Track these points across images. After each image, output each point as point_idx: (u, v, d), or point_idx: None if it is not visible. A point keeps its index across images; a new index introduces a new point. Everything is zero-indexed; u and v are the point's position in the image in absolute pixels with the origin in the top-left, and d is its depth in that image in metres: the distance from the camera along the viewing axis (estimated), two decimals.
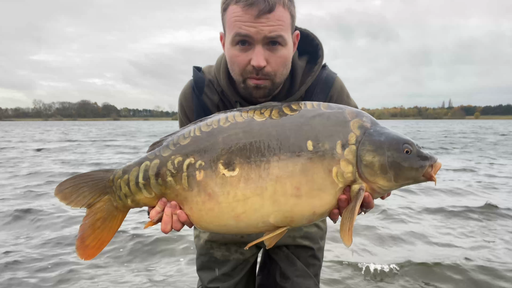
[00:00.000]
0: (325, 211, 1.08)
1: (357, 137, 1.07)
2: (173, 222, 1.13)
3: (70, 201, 1.17)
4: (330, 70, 1.53)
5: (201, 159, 1.08)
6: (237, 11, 1.23)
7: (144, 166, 1.15)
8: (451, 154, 12.75)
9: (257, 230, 1.11)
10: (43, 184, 7.10)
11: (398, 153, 1.06)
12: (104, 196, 1.19)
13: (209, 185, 1.07)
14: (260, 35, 1.23)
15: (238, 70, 1.32)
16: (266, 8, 1.20)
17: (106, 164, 10.04)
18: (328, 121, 1.08)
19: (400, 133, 1.12)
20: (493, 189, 6.58)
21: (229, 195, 1.05)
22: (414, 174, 1.07)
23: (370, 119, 1.13)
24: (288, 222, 1.08)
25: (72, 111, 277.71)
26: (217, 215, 1.08)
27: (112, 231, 1.20)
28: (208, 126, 1.13)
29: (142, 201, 1.17)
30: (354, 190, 1.06)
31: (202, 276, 1.75)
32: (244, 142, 1.07)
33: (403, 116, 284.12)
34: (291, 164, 1.04)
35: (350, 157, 1.05)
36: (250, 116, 1.11)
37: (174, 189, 1.11)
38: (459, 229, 4.29)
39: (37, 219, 4.51)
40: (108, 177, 1.19)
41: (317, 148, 1.05)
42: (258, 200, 1.04)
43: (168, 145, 1.15)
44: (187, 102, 1.56)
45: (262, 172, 1.04)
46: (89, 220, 1.17)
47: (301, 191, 1.03)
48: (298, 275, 1.68)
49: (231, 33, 1.27)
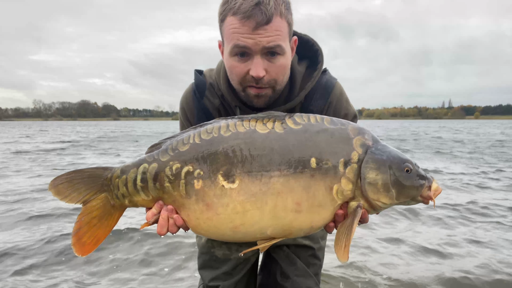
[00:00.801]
0: (322, 225, 1.12)
1: (359, 155, 1.08)
2: (169, 226, 1.13)
3: (64, 197, 1.17)
4: (330, 75, 1.54)
5: (200, 168, 1.08)
6: (234, 23, 1.24)
7: (142, 168, 1.14)
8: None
9: (253, 240, 1.14)
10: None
11: (400, 171, 1.08)
12: (101, 194, 1.19)
13: (208, 195, 1.06)
14: (258, 46, 1.24)
15: (237, 80, 1.34)
16: (263, 20, 1.21)
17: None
18: (331, 138, 1.09)
19: (399, 151, 1.15)
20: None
21: (228, 207, 1.05)
22: (414, 193, 1.10)
23: (372, 136, 1.15)
24: (285, 235, 1.10)
25: (72, 111, 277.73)
26: (215, 225, 1.08)
27: (109, 229, 1.20)
28: (208, 134, 1.11)
29: (140, 202, 1.18)
30: (351, 207, 1.08)
31: (203, 274, 1.76)
32: (245, 154, 1.06)
33: (403, 116, 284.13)
34: (293, 180, 1.04)
35: (351, 176, 1.07)
36: (252, 126, 1.10)
37: (171, 194, 1.11)
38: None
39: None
40: (106, 175, 1.19)
41: (320, 165, 1.05)
42: (258, 214, 1.05)
43: (166, 149, 1.14)
44: (189, 105, 1.58)
45: (263, 186, 1.04)
46: (85, 218, 1.18)
47: (301, 207, 1.04)
48: (299, 275, 1.70)
49: (229, 44, 1.28)
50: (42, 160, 10.76)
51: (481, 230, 4.16)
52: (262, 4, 1.22)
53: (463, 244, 3.70)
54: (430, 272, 3.08)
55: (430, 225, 4.41)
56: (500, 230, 4.16)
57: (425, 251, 3.55)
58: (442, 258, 3.38)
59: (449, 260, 3.31)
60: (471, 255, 3.41)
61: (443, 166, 9.27)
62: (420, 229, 4.23)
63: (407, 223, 4.50)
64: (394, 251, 3.59)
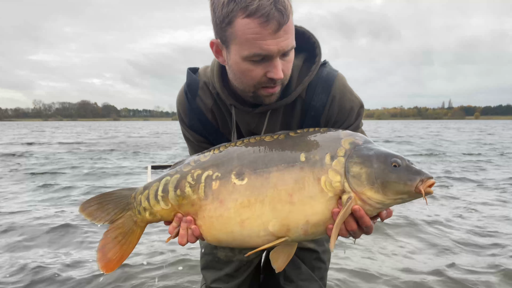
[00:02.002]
0: (318, 221, 1.12)
1: (346, 150, 1.15)
2: (188, 236, 1.22)
3: (94, 218, 1.26)
4: (331, 68, 1.45)
5: (218, 171, 1.20)
6: (252, 27, 1.12)
7: (165, 181, 1.26)
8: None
9: (258, 240, 1.17)
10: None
11: (385, 165, 1.10)
12: (126, 212, 1.29)
13: (222, 192, 1.18)
14: (280, 51, 1.17)
15: (251, 83, 1.25)
16: (285, 20, 1.12)
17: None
18: (322, 139, 1.20)
19: (392, 150, 1.16)
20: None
21: (237, 201, 1.16)
22: (403, 187, 1.08)
23: (364, 138, 1.19)
24: (285, 231, 1.14)
25: (72, 111, 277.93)
26: (225, 221, 1.17)
27: (132, 246, 1.27)
28: (226, 147, 1.27)
29: (159, 213, 1.26)
30: (343, 200, 1.11)
31: (206, 275, 1.74)
32: (253, 156, 1.20)
33: (403, 116, 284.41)
34: (286, 173, 1.14)
35: (338, 168, 1.12)
36: (262, 138, 1.26)
37: (190, 199, 1.21)
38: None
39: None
40: (131, 194, 1.30)
41: (308, 159, 1.15)
42: (260, 207, 1.14)
43: (189, 162, 1.27)
44: (182, 107, 1.50)
45: (264, 181, 1.15)
46: (111, 235, 1.26)
47: (294, 198, 1.12)
48: (303, 279, 1.66)
49: (246, 50, 1.17)
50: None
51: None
52: (278, 2, 1.11)
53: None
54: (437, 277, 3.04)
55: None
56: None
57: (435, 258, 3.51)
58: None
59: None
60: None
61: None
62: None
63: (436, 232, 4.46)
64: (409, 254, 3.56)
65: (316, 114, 1.41)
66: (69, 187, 7.14)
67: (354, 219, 1.11)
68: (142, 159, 12.41)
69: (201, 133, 1.51)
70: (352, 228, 1.12)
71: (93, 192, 6.67)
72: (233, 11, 1.13)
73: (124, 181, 8.11)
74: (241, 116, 1.43)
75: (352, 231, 1.14)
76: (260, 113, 1.41)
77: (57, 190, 6.85)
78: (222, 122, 1.49)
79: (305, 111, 1.42)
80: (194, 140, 1.54)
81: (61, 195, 6.45)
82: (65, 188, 7.07)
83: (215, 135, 1.49)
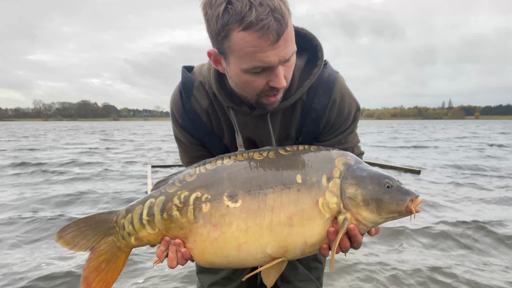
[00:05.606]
0: (316, 241, 1.14)
1: (341, 172, 1.16)
2: (178, 259, 1.18)
3: (73, 246, 1.19)
4: (331, 69, 1.43)
5: (208, 193, 1.16)
6: (249, 40, 1.07)
7: (149, 203, 1.20)
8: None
9: (255, 262, 1.17)
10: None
11: (379, 187, 1.14)
12: (107, 238, 1.22)
13: (214, 216, 1.14)
14: (281, 61, 1.14)
15: (254, 92, 1.23)
16: (284, 29, 1.07)
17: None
18: (316, 159, 1.20)
19: (382, 170, 1.21)
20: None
21: (233, 225, 1.13)
22: (395, 207, 1.14)
23: (355, 158, 1.22)
24: (283, 253, 1.14)
25: (72, 111, 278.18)
26: (220, 245, 1.14)
27: (117, 272, 1.21)
28: (213, 165, 1.21)
29: (146, 237, 1.20)
30: (339, 221, 1.14)
31: (202, 279, 1.72)
32: (245, 177, 1.16)
33: (403, 116, 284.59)
34: (284, 195, 1.13)
35: (334, 189, 1.14)
36: (251, 155, 1.22)
37: (179, 222, 1.16)
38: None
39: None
40: (111, 218, 1.23)
41: (305, 180, 1.15)
42: (258, 230, 1.12)
43: (173, 182, 1.21)
44: (177, 107, 1.45)
45: (260, 203, 1.13)
46: (93, 263, 1.19)
47: (293, 221, 1.12)
48: (300, 279, 1.65)
49: (245, 64, 1.13)
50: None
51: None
52: (275, 11, 1.05)
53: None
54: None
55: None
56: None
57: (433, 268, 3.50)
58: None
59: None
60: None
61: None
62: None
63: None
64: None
65: (317, 116, 1.40)
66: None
67: (347, 237, 1.15)
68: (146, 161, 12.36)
69: (194, 135, 1.47)
70: (345, 246, 1.16)
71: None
72: (229, 23, 1.07)
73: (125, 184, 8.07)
74: (238, 118, 1.40)
75: (345, 248, 1.17)
76: (259, 115, 1.38)
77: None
78: (217, 124, 1.46)
79: (305, 113, 1.41)
80: (186, 141, 1.50)
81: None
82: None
83: (208, 137, 1.46)
